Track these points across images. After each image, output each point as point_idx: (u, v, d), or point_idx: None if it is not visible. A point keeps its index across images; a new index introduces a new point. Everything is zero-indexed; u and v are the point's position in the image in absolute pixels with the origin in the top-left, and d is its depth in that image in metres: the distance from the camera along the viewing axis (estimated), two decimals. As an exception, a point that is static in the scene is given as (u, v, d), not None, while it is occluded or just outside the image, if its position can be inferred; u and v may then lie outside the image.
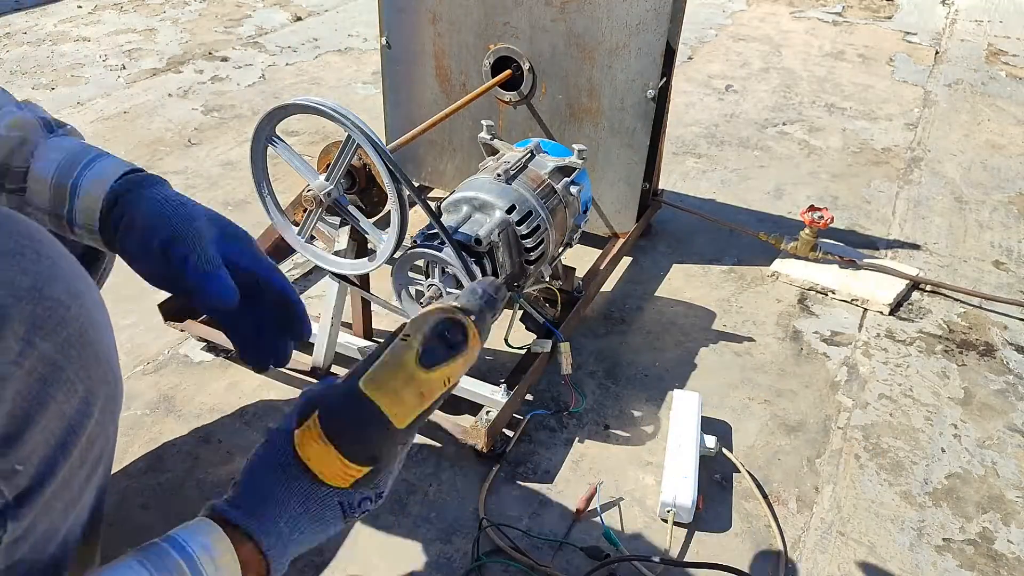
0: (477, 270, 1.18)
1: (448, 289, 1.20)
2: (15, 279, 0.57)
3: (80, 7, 3.37)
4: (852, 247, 1.86)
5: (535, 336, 1.42)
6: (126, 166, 0.82)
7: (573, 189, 1.35)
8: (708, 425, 1.36)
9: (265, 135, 1.16)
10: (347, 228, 1.27)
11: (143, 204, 0.79)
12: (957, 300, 1.73)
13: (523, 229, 1.25)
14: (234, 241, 0.82)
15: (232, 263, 0.81)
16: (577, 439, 1.33)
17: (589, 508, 1.20)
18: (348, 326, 1.45)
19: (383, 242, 1.19)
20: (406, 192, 1.11)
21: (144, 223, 0.78)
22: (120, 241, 0.80)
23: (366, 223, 1.21)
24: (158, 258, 0.78)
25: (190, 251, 0.78)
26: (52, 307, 0.59)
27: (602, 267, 1.63)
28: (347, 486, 0.63)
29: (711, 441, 1.28)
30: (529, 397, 1.40)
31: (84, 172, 0.80)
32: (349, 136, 1.11)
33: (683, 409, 1.31)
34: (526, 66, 1.65)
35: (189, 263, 0.78)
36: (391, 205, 1.14)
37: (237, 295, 0.79)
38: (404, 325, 0.68)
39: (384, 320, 1.55)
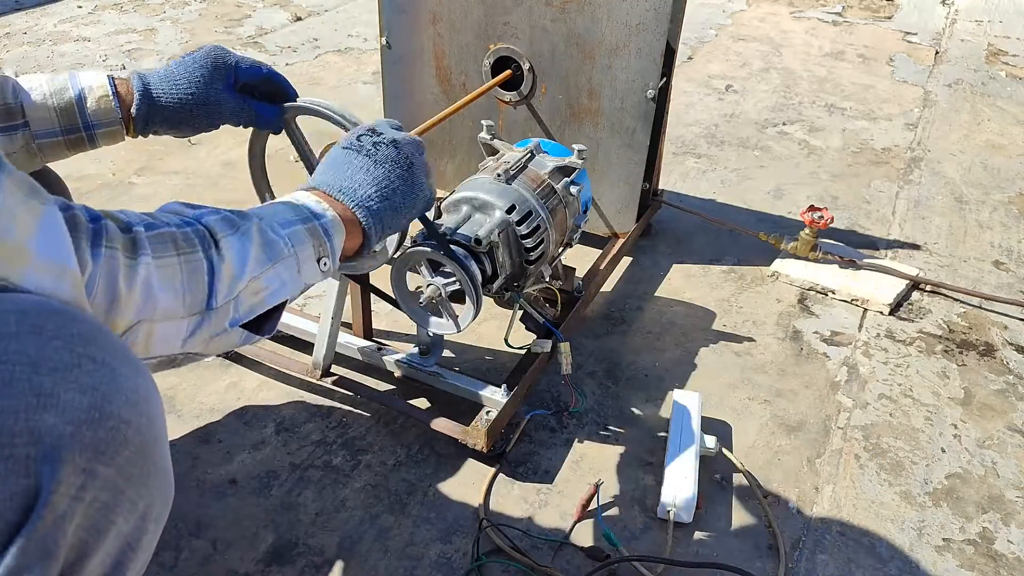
0: (477, 270, 1.18)
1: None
2: (73, 401, 0.52)
3: (80, 7, 3.37)
4: (852, 247, 1.86)
5: (535, 336, 1.42)
6: (103, 73, 0.99)
7: (573, 189, 1.35)
8: (708, 425, 1.36)
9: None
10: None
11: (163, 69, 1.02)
12: (957, 300, 1.73)
13: (523, 229, 1.25)
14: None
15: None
16: (577, 439, 1.33)
17: (589, 508, 1.20)
18: (348, 326, 1.45)
19: (383, 242, 1.19)
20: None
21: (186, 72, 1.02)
22: (168, 100, 1.00)
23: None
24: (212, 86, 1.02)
25: (238, 60, 1.04)
26: (114, 427, 0.55)
27: (602, 267, 1.63)
28: None
29: (711, 441, 1.28)
30: (532, 396, 1.40)
31: (74, 83, 0.95)
32: None
33: (683, 409, 1.31)
34: (526, 66, 1.65)
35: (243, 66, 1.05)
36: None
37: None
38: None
39: (384, 320, 1.55)
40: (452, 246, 1.16)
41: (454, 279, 1.16)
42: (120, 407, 0.55)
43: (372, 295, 1.35)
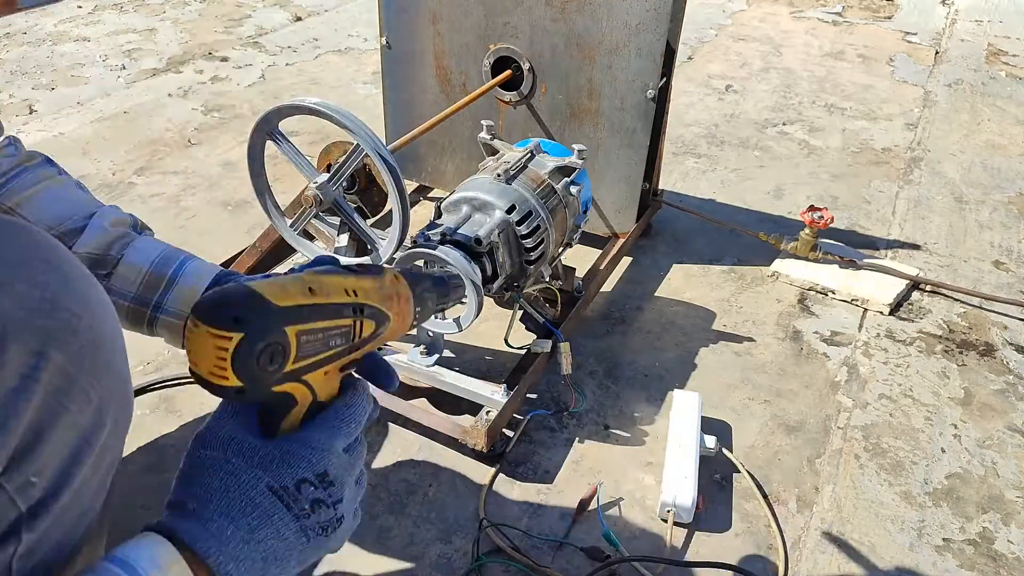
0: (476, 270, 1.18)
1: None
2: (26, 292, 0.56)
3: (80, 7, 3.37)
4: (852, 247, 1.86)
5: (535, 336, 1.42)
6: (218, 267, 0.94)
7: (573, 189, 1.35)
8: (708, 425, 1.36)
9: (267, 129, 1.16)
10: (347, 227, 1.27)
11: None
12: (957, 300, 1.73)
13: (523, 229, 1.25)
14: None
15: None
16: (577, 439, 1.33)
17: (589, 508, 1.20)
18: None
19: (383, 242, 1.19)
20: (407, 194, 1.11)
21: None
22: None
23: (363, 224, 1.21)
24: None
25: None
26: (65, 318, 0.58)
27: (602, 267, 1.63)
28: (226, 373, 0.51)
29: (711, 441, 1.28)
30: (532, 396, 1.40)
31: (183, 266, 0.92)
32: (357, 145, 1.11)
33: (683, 409, 1.31)
34: (526, 66, 1.65)
35: None
36: (392, 206, 1.14)
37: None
38: None
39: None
40: (449, 247, 1.16)
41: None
42: (71, 303, 0.58)
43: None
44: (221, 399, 0.57)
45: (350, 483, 0.60)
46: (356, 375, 0.64)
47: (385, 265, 0.59)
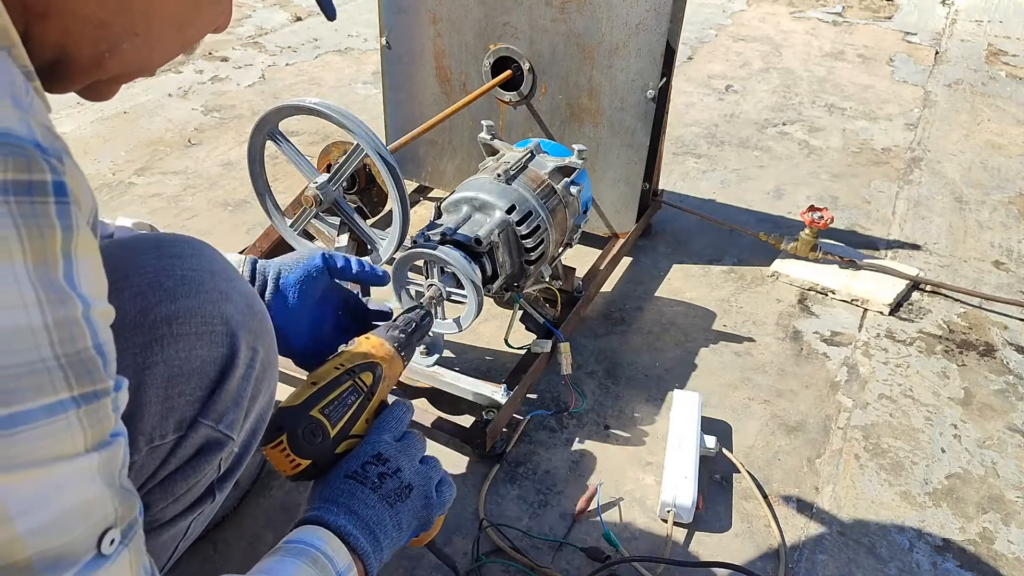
0: (476, 270, 1.18)
1: (448, 288, 1.20)
2: (239, 299, 0.75)
3: (80, 7, 3.37)
4: (852, 247, 1.86)
5: (535, 336, 1.42)
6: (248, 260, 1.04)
7: (573, 189, 1.35)
8: (708, 425, 1.36)
9: (268, 130, 1.16)
10: (347, 227, 1.27)
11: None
12: (957, 300, 1.73)
13: (523, 229, 1.25)
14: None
15: None
16: (577, 439, 1.33)
17: (589, 508, 1.20)
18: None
19: (383, 242, 1.19)
20: (407, 193, 1.11)
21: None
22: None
23: (363, 224, 1.21)
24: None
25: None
26: (262, 319, 0.78)
27: (602, 267, 1.62)
28: (296, 461, 0.76)
29: (711, 441, 1.28)
30: (532, 396, 1.40)
31: None
32: (357, 145, 1.11)
33: (683, 409, 1.31)
34: (526, 66, 1.65)
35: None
36: (392, 206, 1.14)
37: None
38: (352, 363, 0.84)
39: (384, 320, 1.55)
40: (448, 247, 1.16)
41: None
42: (260, 307, 0.79)
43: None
44: None
45: (408, 462, 0.80)
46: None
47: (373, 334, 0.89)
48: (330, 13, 0.68)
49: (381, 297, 1.35)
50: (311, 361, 0.97)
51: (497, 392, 1.27)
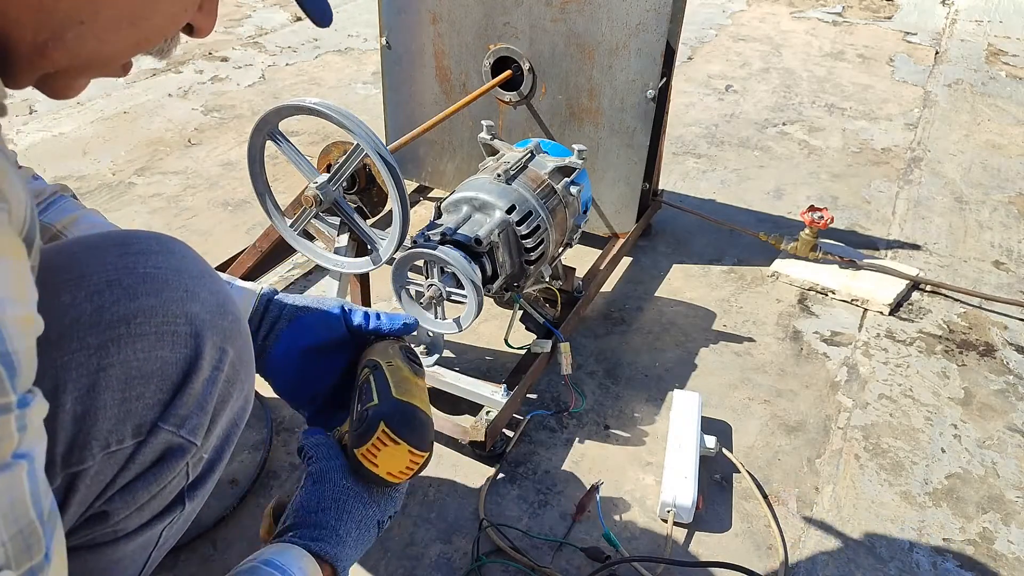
0: (476, 270, 1.18)
1: (448, 288, 1.20)
2: (208, 298, 0.71)
3: (80, 7, 3.37)
4: (852, 247, 1.86)
5: (535, 336, 1.42)
6: (255, 289, 0.98)
7: (573, 189, 1.35)
8: (708, 425, 1.36)
9: (268, 130, 1.16)
10: (347, 227, 1.27)
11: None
12: (957, 300, 1.73)
13: (523, 229, 1.25)
14: None
15: None
16: (577, 439, 1.33)
17: (589, 508, 1.20)
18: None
19: (383, 242, 1.19)
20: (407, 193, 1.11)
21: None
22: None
23: (363, 224, 1.21)
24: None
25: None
26: (233, 320, 0.74)
27: (602, 267, 1.62)
28: (404, 478, 0.80)
29: (711, 441, 1.28)
30: (532, 396, 1.40)
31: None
32: (357, 145, 1.11)
33: (683, 409, 1.31)
34: (526, 66, 1.65)
35: None
36: (392, 206, 1.14)
37: None
38: (367, 362, 0.86)
39: (384, 320, 1.55)
40: (446, 246, 1.16)
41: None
42: (233, 307, 0.74)
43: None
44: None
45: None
46: None
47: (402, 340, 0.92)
48: (323, 20, 0.62)
49: (381, 295, 1.35)
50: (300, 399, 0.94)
51: (497, 392, 1.27)
